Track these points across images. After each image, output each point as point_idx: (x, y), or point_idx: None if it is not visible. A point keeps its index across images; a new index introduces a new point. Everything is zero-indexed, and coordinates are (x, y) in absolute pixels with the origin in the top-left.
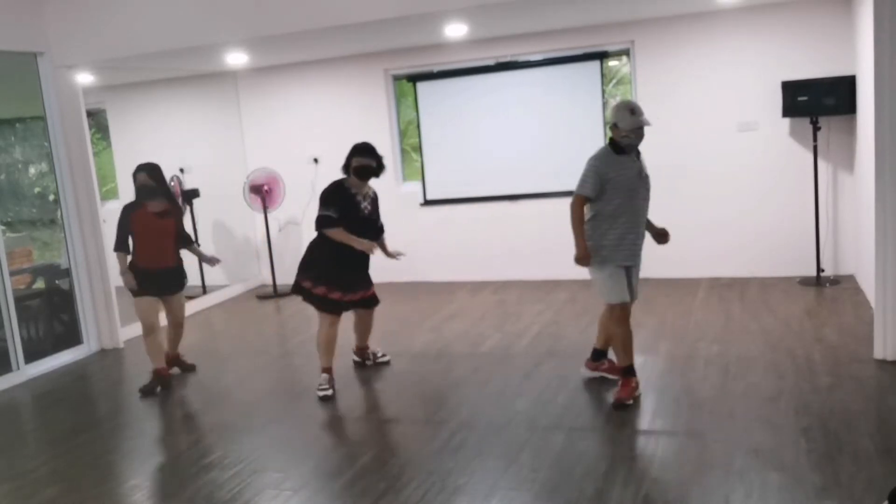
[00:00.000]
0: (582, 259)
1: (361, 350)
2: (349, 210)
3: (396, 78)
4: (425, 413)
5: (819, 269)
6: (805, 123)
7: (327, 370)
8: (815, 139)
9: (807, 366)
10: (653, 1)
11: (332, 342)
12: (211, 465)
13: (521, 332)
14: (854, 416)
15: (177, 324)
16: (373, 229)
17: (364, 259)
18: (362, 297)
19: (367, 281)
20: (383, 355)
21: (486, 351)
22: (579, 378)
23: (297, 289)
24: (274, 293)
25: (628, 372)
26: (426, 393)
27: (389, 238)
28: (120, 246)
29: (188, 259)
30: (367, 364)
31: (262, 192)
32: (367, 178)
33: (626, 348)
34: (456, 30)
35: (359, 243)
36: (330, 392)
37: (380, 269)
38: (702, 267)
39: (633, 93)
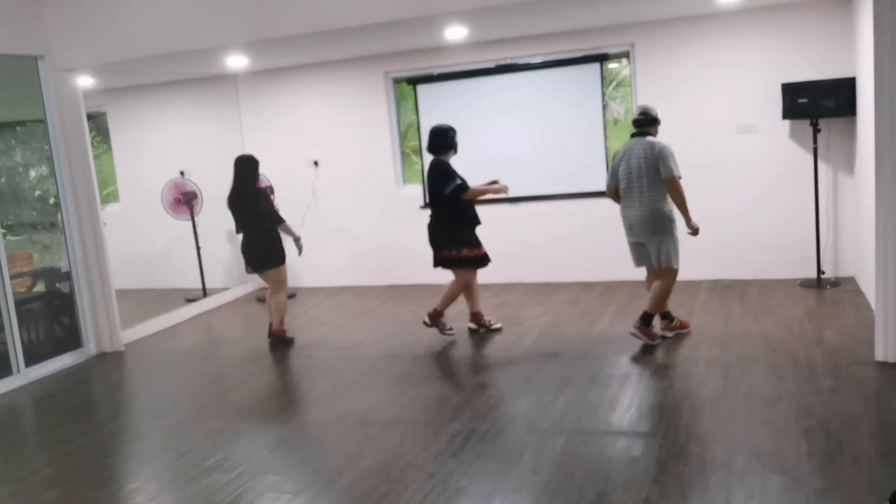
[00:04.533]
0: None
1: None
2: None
3: (396, 80)
4: (426, 415)
5: (819, 271)
6: (805, 125)
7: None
8: (815, 141)
9: (808, 368)
10: (653, 3)
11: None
12: (211, 468)
13: (522, 334)
14: (855, 417)
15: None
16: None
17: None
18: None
19: None
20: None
21: (487, 353)
22: (581, 380)
23: (456, 262)
24: None
25: (651, 319)
26: (426, 395)
27: (389, 238)
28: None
29: (190, 258)
30: (480, 331)
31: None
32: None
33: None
34: (456, 32)
35: (493, 189)
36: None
37: (379, 270)
38: (702, 269)
39: (633, 95)
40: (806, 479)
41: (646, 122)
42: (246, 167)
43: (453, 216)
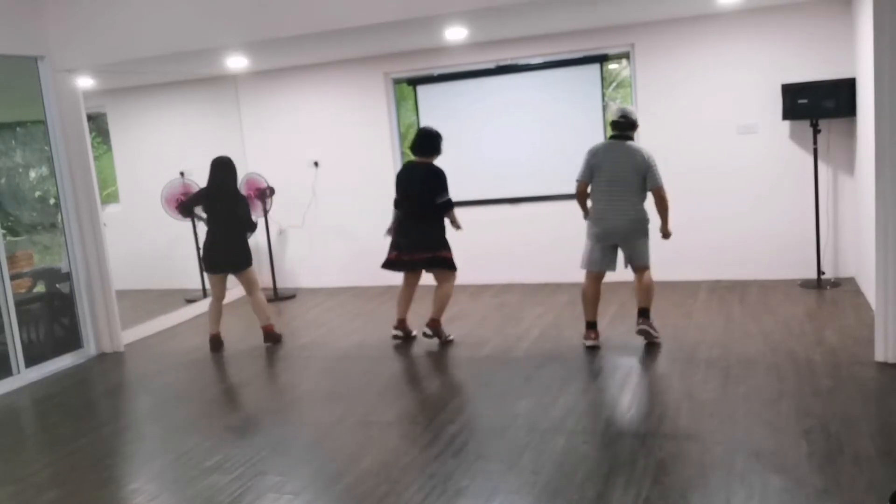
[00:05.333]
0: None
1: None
2: None
3: (396, 81)
4: (426, 416)
5: (819, 272)
6: (805, 126)
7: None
8: (815, 142)
9: (808, 368)
10: (653, 4)
11: None
12: (212, 469)
13: (522, 334)
14: (855, 418)
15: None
16: None
17: None
18: None
19: None
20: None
21: (487, 354)
22: (580, 380)
23: (448, 262)
24: (274, 296)
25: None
26: (427, 396)
27: (389, 239)
28: None
29: (190, 259)
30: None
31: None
32: None
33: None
34: (456, 33)
35: (458, 222)
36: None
37: (379, 271)
38: (702, 269)
39: (633, 96)
40: (806, 479)
41: (626, 126)
42: (225, 169)
43: (437, 220)
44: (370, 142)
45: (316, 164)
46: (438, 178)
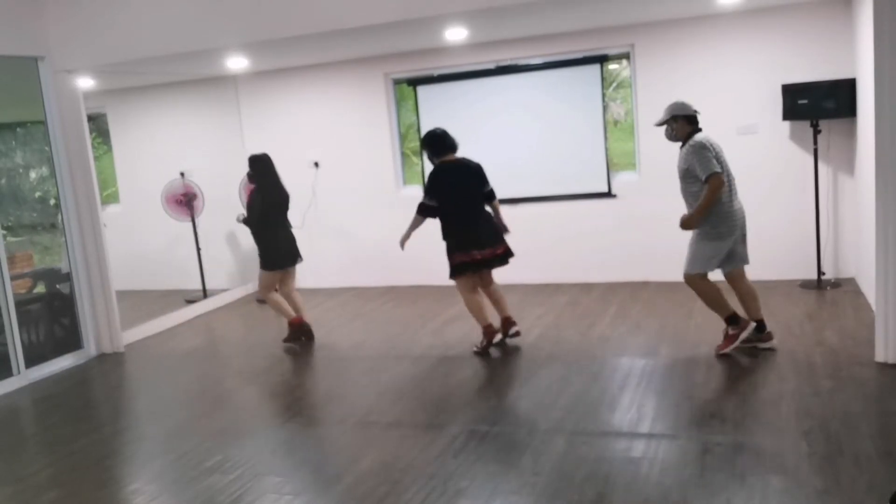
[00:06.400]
0: None
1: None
2: None
3: (397, 81)
4: (426, 416)
5: (820, 273)
6: (805, 126)
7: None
8: (815, 142)
9: (808, 369)
10: (653, 4)
11: None
12: (211, 470)
13: (522, 334)
14: (855, 418)
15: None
16: None
17: None
18: None
19: None
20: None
21: (487, 354)
22: (581, 381)
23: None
24: None
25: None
26: (427, 396)
27: (389, 239)
28: None
29: (190, 259)
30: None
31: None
32: None
33: None
34: (456, 33)
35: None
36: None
37: (379, 272)
38: None
39: (633, 96)
40: (806, 479)
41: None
42: (272, 164)
43: (487, 212)
44: (370, 142)
45: (316, 164)
46: (482, 169)
